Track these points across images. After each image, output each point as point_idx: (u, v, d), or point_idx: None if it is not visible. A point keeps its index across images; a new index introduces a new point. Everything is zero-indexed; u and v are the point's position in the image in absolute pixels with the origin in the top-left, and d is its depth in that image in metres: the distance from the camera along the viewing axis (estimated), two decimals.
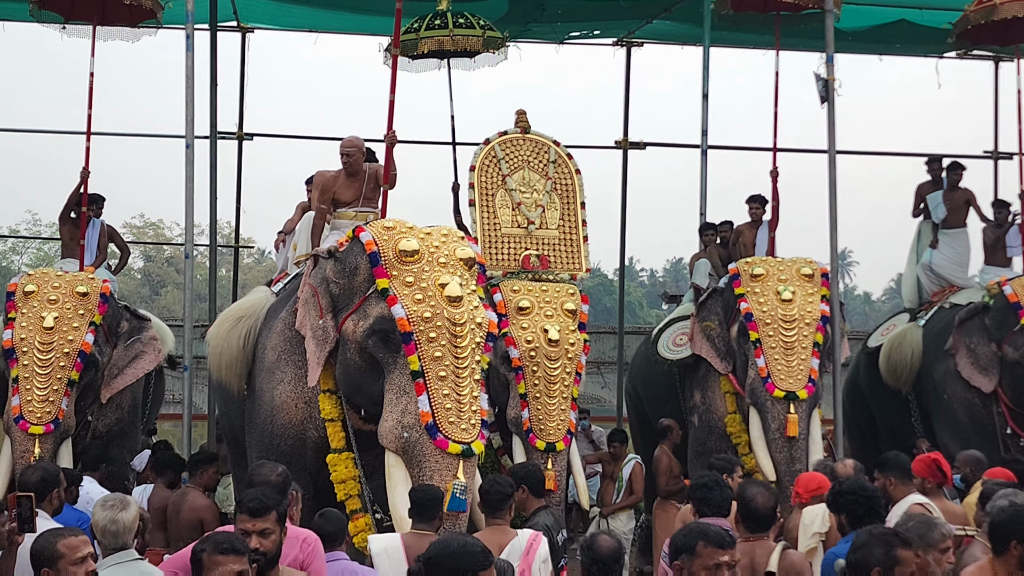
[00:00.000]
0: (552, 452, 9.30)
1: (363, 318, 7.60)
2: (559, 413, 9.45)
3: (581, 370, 9.80)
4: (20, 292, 9.53)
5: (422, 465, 7.10)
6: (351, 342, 7.66)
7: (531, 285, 10.03)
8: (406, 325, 7.36)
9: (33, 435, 8.99)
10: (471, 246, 7.97)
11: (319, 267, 8.04)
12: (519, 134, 11.01)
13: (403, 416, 7.24)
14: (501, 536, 6.36)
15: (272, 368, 8.37)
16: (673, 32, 15.88)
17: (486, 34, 11.77)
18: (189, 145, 10.18)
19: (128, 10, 10.58)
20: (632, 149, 16.18)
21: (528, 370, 9.51)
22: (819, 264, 10.81)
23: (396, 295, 7.47)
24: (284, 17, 15.68)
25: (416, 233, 7.80)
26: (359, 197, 9.39)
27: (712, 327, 10.89)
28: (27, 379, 9.15)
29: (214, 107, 13.61)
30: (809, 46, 13.06)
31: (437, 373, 7.27)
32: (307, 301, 8.02)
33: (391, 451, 7.27)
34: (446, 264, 7.63)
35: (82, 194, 10.93)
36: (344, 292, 7.85)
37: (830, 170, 10.95)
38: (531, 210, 10.69)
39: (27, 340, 9.26)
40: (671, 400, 11.52)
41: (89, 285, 9.68)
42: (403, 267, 7.57)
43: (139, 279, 51.97)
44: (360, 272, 7.75)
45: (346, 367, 7.76)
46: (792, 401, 10.00)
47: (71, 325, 9.41)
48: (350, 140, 9.52)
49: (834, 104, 10.87)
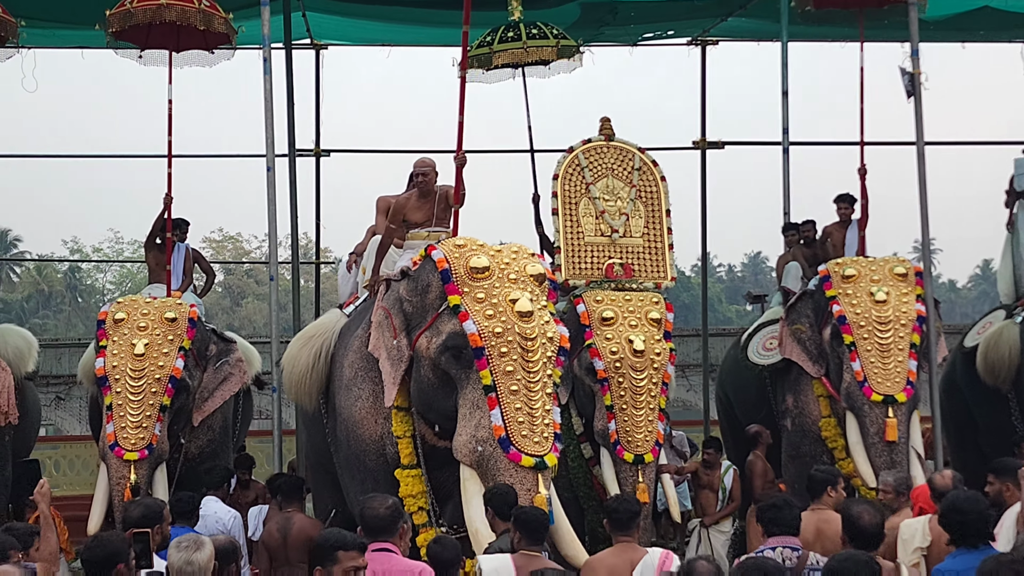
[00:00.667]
0: (641, 464, 9.22)
1: (436, 335, 7.72)
2: (646, 424, 9.33)
3: (668, 380, 9.68)
4: (110, 320, 9.66)
5: (496, 479, 7.20)
6: (425, 359, 7.78)
7: (614, 295, 9.91)
8: (478, 340, 7.49)
9: (128, 461, 9.11)
10: (541, 263, 8.10)
11: (392, 289, 8.17)
12: (603, 141, 10.87)
13: (477, 430, 7.36)
14: (632, 553, 6.36)
15: (349, 385, 8.50)
16: (749, 29, 15.65)
17: (560, 43, 11.62)
18: (270, 168, 10.13)
19: (202, 36, 10.61)
20: (710, 149, 15.98)
21: (614, 381, 9.40)
22: (912, 263, 10.61)
23: (468, 311, 7.60)
24: (357, 33, 15.67)
25: (487, 250, 7.92)
26: (431, 218, 9.35)
27: (803, 330, 10.71)
28: (120, 406, 9.27)
29: (292, 125, 13.64)
30: (890, 37, 12.83)
31: (509, 387, 7.41)
32: (380, 323, 8.12)
33: (466, 465, 7.40)
34: (516, 280, 7.78)
35: (166, 220, 10.98)
36: (417, 310, 7.97)
37: (919, 165, 10.69)
38: (615, 218, 10.53)
39: (119, 368, 9.38)
40: (763, 405, 11.36)
41: (177, 311, 9.77)
42: (474, 284, 7.72)
43: (220, 292, 52.55)
44: (432, 290, 7.88)
45: (420, 384, 7.88)
46: (890, 405, 9.86)
47: (161, 351, 9.51)
48: (424, 160, 9.49)
49: (921, 98, 10.61)
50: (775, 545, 6.32)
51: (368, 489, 8.08)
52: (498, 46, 11.59)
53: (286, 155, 13.56)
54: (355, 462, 8.45)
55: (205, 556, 5.17)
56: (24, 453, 11.52)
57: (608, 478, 9.34)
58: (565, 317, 9.66)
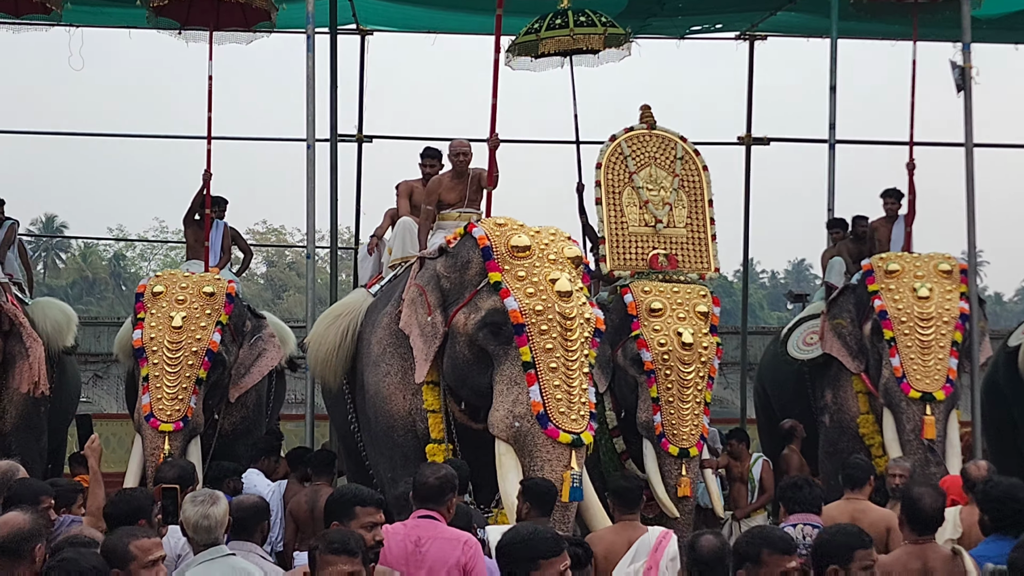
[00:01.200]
0: (685, 458, 9.17)
1: (474, 311, 7.80)
2: (692, 418, 9.27)
3: (714, 374, 9.63)
4: (149, 293, 9.70)
5: (533, 454, 7.32)
6: (461, 334, 7.84)
7: (662, 286, 9.84)
8: (519, 317, 7.58)
9: (163, 432, 9.14)
10: (578, 246, 8.29)
11: (426, 267, 8.29)
12: (645, 130, 10.77)
13: (514, 406, 7.44)
14: (632, 531, 6.37)
15: (378, 361, 8.55)
16: (798, 24, 15.50)
17: (608, 31, 11.55)
18: (310, 145, 10.21)
19: (242, 13, 10.62)
20: (756, 145, 15.83)
21: (661, 373, 9.33)
22: (957, 260, 10.45)
23: (509, 288, 7.69)
24: (402, 19, 15.63)
25: (527, 230, 8.04)
26: (463, 199, 9.49)
27: (844, 325, 10.60)
28: (157, 378, 9.30)
29: (334, 110, 13.63)
30: (941, 35, 12.67)
31: (548, 364, 7.48)
32: (414, 300, 8.20)
33: (502, 440, 7.46)
34: (556, 261, 7.88)
35: (205, 196, 11.00)
36: (455, 286, 8.05)
37: (967, 161, 10.56)
38: (659, 208, 10.44)
39: (156, 340, 9.41)
40: (801, 400, 11.25)
41: (215, 285, 9.80)
42: (515, 262, 7.82)
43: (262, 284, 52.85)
44: (472, 266, 7.96)
45: (455, 360, 7.93)
46: (929, 402, 9.76)
47: (199, 325, 9.54)
48: (461, 142, 9.64)
49: (971, 93, 10.47)
50: (796, 522, 6.37)
51: (397, 464, 8.29)
52: (545, 33, 11.53)
53: (328, 140, 13.56)
54: (383, 438, 8.51)
55: (220, 510, 5.14)
56: (61, 427, 11.55)
57: (651, 470, 9.25)
58: (611, 307, 9.67)
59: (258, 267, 54.96)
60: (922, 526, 5.64)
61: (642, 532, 6.33)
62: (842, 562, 4.41)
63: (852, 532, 4.65)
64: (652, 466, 9.25)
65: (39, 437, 10.32)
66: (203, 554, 5.09)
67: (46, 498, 5.70)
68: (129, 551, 4.37)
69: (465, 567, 5.23)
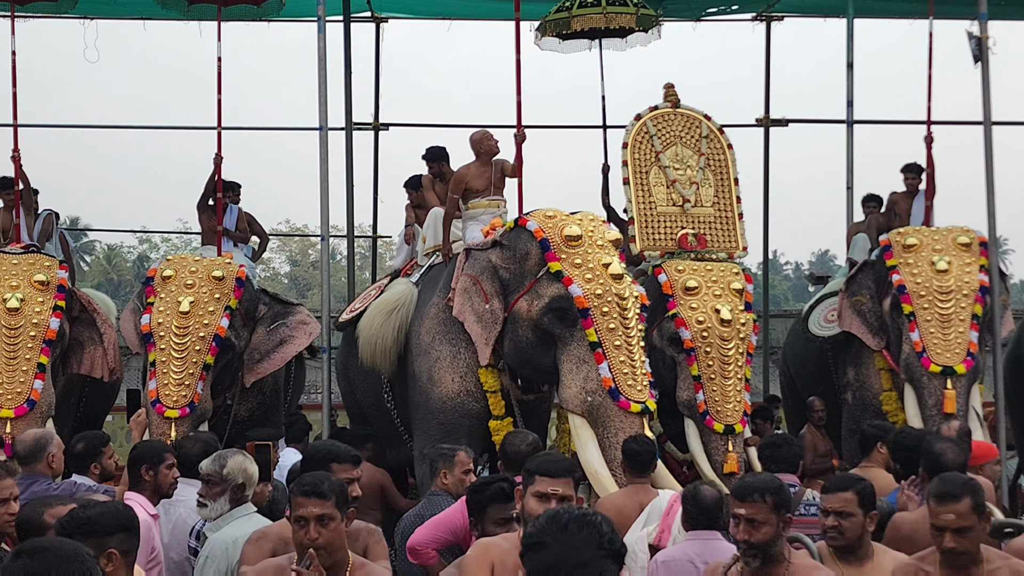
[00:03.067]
0: (731, 434, 9.19)
1: (537, 298, 8.46)
2: (735, 394, 9.31)
3: (752, 350, 9.69)
4: (158, 277, 9.63)
5: (607, 424, 8.07)
6: (524, 320, 8.51)
7: (695, 264, 9.89)
8: (584, 302, 8.26)
9: (169, 419, 9.03)
10: (614, 229, 8.96)
11: (476, 258, 8.80)
12: (669, 108, 10.73)
13: (586, 383, 8.15)
14: (644, 495, 6.53)
15: (427, 349, 9.05)
16: (814, 4, 15.42)
17: (640, 12, 11.53)
18: (322, 128, 10.16)
19: None
20: (774, 127, 15.72)
21: (701, 351, 9.35)
22: (976, 233, 10.34)
23: (570, 276, 8.36)
24: (417, 5, 15.63)
25: (574, 219, 8.67)
26: (490, 186, 9.79)
27: (863, 301, 10.50)
28: (163, 363, 9.21)
29: (349, 98, 13.62)
30: (959, 13, 12.51)
31: (613, 343, 8.22)
32: (467, 289, 8.71)
33: (576, 414, 8.18)
34: (603, 246, 8.56)
35: (217, 181, 10.97)
36: (515, 276, 8.66)
37: (986, 134, 10.43)
38: (686, 187, 10.41)
39: (164, 324, 9.33)
40: (824, 378, 11.17)
41: (225, 269, 9.71)
42: (570, 250, 8.49)
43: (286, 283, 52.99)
44: (531, 257, 8.59)
45: (517, 343, 8.59)
46: (949, 376, 9.67)
47: (207, 309, 9.44)
48: (486, 133, 9.92)
49: (988, 63, 10.34)
50: None
51: (438, 441, 8.45)
52: (577, 11, 11.50)
53: (343, 128, 13.54)
54: (433, 419, 8.94)
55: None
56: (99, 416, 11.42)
57: (695, 449, 9.28)
58: (645, 287, 9.64)
59: (282, 266, 55.16)
60: None
61: (653, 496, 6.44)
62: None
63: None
64: (696, 445, 9.27)
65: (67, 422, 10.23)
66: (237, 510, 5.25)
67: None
68: (44, 521, 4.31)
69: None
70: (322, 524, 4.16)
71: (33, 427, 8.52)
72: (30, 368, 9.15)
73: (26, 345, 9.23)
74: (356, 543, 4.61)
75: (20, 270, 9.60)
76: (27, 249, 10.09)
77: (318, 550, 4.13)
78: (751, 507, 4.32)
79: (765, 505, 4.32)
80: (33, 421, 8.90)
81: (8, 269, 9.59)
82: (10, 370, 9.13)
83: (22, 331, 9.26)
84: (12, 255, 9.83)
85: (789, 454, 6.78)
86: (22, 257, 9.80)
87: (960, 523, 4.33)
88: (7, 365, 9.14)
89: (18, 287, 9.43)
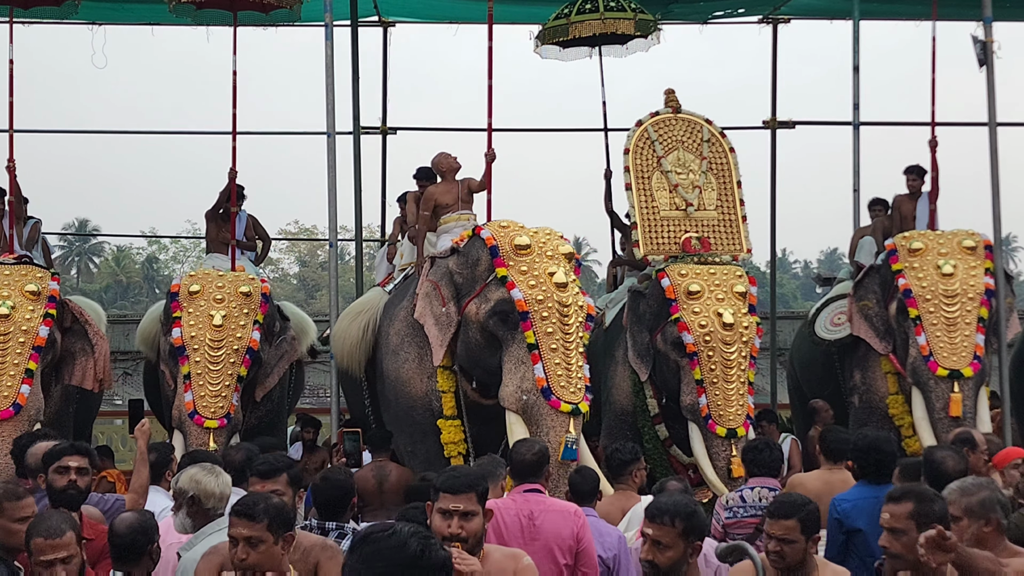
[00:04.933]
0: (733, 438, 9.25)
1: (484, 301, 8.85)
2: (738, 398, 9.38)
3: (755, 353, 9.75)
4: (185, 292, 9.83)
5: (539, 422, 8.38)
6: (474, 322, 8.90)
7: (699, 268, 9.95)
8: (523, 306, 8.66)
9: (208, 429, 9.28)
10: (569, 243, 9.33)
11: (438, 265, 9.28)
12: (670, 114, 10.84)
13: (522, 382, 8.51)
14: (626, 501, 6.71)
15: (396, 350, 9.52)
16: (821, 6, 15.42)
17: (638, 16, 11.60)
18: (330, 134, 10.23)
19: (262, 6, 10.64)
20: (781, 129, 15.73)
21: (703, 355, 9.43)
22: (982, 236, 10.37)
23: (514, 281, 8.74)
24: (424, 10, 15.66)
25: (526, 231, 9.09)
26: (457, 200, 10.30)
27: (870, 306, 10.55)
28: (199, 375, 9.46)
29: (356, 102, 13.63)
30: (964, 15, 12.53)
31: (549, 346, 8.59)
32: (428, 294, 9.18)
33: (512, 411, 8.52)
34: (552, 256, 8.95)
35: (231, 194, 11.06)
36: (467, 281, 9.07)
37: (991, 136, 10.49)
38: (688, 191, 10.52)
39: (197, 338, 9.57)
40: (830, 381, 11.22)
41: (251, 285, 9.99)
42: (518, 259, 8.90)
43: (295, 284, 53.09)
44: (482, 263, 9.00)
45: (467, 344, 9.00)
46: (956, 379, 9.70)
47: (238, 323, 9.73)
48: (444, 155, 10.45)
49: (993, 68, 10.39)
50: (754, 485, 6.60)
51: (417, 440, 9.16)
52: (576, 17, 11.57)
53: (351, 132, 13.58)
54: (404, 417, 9.37)
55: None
56: (88, 422, 11.56)
57: (699, 453, 9.36)
58: (648, 292, 9.75)
59: (291, 267, 55.28)
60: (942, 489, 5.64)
61: (635, 501, 6.57)
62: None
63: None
64: (700, 449, 9.35)
65: (66, 432, 10.36)
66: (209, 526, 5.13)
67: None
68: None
69: (576, 536, 5.48)
70: (251, 545, 4.26)
71: (18, 431, 8.79)
72: (18, 373, 9.32)
73: (15, 351, 9.39)
74: (307, 560, 4.65)
75: (12, 280, 9.77)
76: (19, 260, 10.22)
77: (247, 571, 4.26)
78: (659, 529, 4.34)
79: (673, 529, 4.33)
80: (19, 425, 9.10)
81: (0, 280, 9.72)
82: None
83: (11, 337, 9.43)
84: (3, 266, 9.97)
85: (770, 458, 6.83)
86: (14, 268, 9.95)
87: (786, 536, 4.57)
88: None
89: (9, 296, 9.60)
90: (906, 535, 4.27)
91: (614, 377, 10.31)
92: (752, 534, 6.28)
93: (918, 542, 3.95)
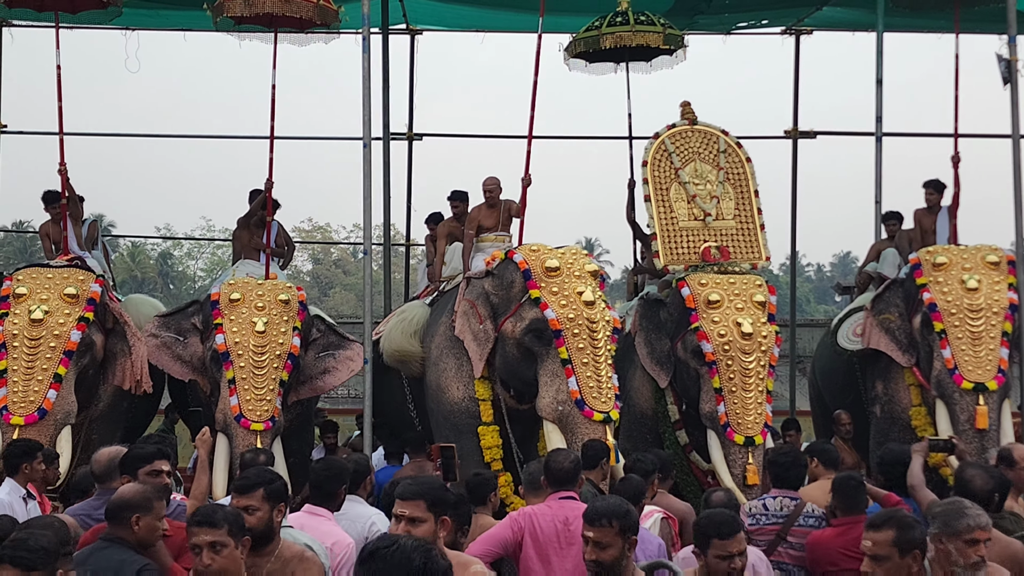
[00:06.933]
0: (751, 446, 9.45)
1: (520, 320, 9.54)
2: (756, 407, 9.57)
3: (774, 362, 9.94)
4: (225, 300, 10.02)
5: (574, 431, 8.99)
6: (510, 339, 9.60)
7: (718, 278, 10.13)
8: (556, 324, 9.30)
9: (255, 432, 9.48)
10: (596, 261, 9.99)
11: (473, 285, 9.99)
12: (687, 126, 11.06)
13: (558, 394, 9.15)
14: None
15: (436, 361, 10.27)
16: (844, 18, 15.54)
17: (667, 31, 11.79)
18: (366, 144, 10.34)
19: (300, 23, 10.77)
20: (802, 138, 15.88)
21: (722, 364, 9.63)
22: (1004, 251, 10.52)
23: (546, 302, 9.40)
24: (452, 18, 15.81)
25: (555, 253, 9.77)
26: (498, 223, 11.12)
27: (892, 319, 10.66)
28: (244, 380, 9.66)
29: (386, 109, 13.77)
30: (987, 29, 12.67)
31: (581, 360, 9.20)
32: (466, 312, 9.88)
33: (549, 420, 9.16)
34: (580, 276, 9.61)
35: (267, 202, 11.20)
36: (503, 301, 9.76)
37: (1014, 154, 10.58)
38: (706, 202, 10.74)
39: (241, 344, 9.78)
40: (851, 390, 11.34)
41: (289, 293, 10.22)
42: (548, 280, 9.56)
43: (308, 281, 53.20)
44: (516, 285, 9.67)
45: (505, 358, 9.71)
46: (981, 392, 9.83)
47: (279, 330, 9.94)
48: (491, 179, 11.17)
49: (1017, 86, 10.51)
50: (776, 495, 6.66)
51: (460, 442, 9.22)
52: (607, 29, 11.79)
53: (380, 138, 13.71)
54: (445, 422, 10.05)
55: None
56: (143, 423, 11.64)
57: (717, 460, 9.57)
58: (668, 301, 9.95)
59: (304, 264, 55.39)
60: None
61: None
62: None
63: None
64: (718, 455, 9.56)
65: (117, 429, 10.53)
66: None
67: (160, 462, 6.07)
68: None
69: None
70: (214, 551, 4.43)
71: (44, 436, 9.07)
72: (46, 378, 9.53)
73: (45, 355, 9.61)
74: (285, 570, 4.80)
75: (53, 284, 10.02)
76: (71, 262, 10.46)
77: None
78: (599, 531, 4.66)
79: (611, 529, 4.65)
80: (44, 429, 9.32)
81: (42, 283, 10.01)
82: (26, 379, 9.51)
83: (42, 342, 9.65)
84: (49, 268, 10.23)
85: (795, 476, 6.73)
86: (56, 271, 10.19)
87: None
88: (24, 375, 9.53)
89: (47, 300, 9.84)
90: (889, 561, 4.44)
91: (633, 381, 10.54)
92: (773, 540, 6.41)
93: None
